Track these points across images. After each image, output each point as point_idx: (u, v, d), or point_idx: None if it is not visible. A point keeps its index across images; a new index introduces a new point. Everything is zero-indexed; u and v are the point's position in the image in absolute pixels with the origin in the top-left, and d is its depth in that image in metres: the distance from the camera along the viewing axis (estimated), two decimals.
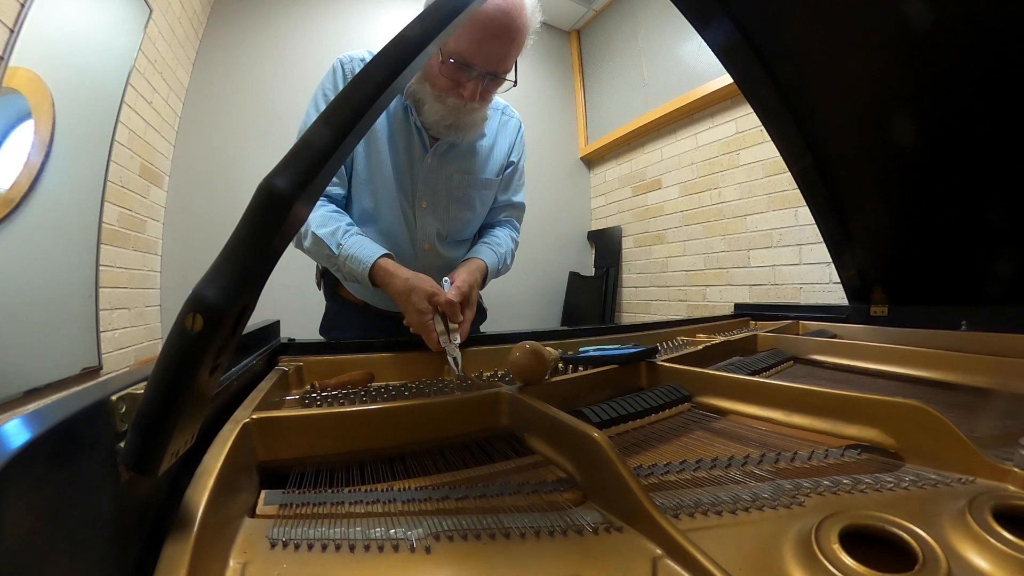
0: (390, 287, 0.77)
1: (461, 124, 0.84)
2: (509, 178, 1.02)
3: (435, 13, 0.30)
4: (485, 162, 0.96)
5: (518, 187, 1.05)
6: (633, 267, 3.15)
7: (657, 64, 2.90)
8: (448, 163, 0.91)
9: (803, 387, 0.50)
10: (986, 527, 0.28)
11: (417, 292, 0.72)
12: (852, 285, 1.06)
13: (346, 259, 0.80)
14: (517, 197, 1.05)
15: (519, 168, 1.04)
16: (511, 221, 1.06)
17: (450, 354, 0.70)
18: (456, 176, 0.92)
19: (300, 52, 2.61)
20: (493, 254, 0.93)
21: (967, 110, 0.71)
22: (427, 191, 0.91)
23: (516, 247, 1.04)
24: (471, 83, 0.77)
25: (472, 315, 0.76)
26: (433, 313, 0.72)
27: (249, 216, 0.24)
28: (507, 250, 0.98)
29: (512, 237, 1.03)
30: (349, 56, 0.87)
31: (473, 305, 0.77)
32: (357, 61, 0.86)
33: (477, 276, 0.82)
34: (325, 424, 0.42)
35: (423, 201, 0.91)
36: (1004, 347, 0.72)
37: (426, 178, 0.90)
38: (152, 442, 0.24)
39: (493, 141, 0.97)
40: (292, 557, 0.28)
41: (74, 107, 1.51)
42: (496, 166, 0.98)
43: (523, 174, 1.06)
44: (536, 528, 0.31)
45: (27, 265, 1.35)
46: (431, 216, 0.92)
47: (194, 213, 2.29)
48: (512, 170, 1.02)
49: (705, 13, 0.81)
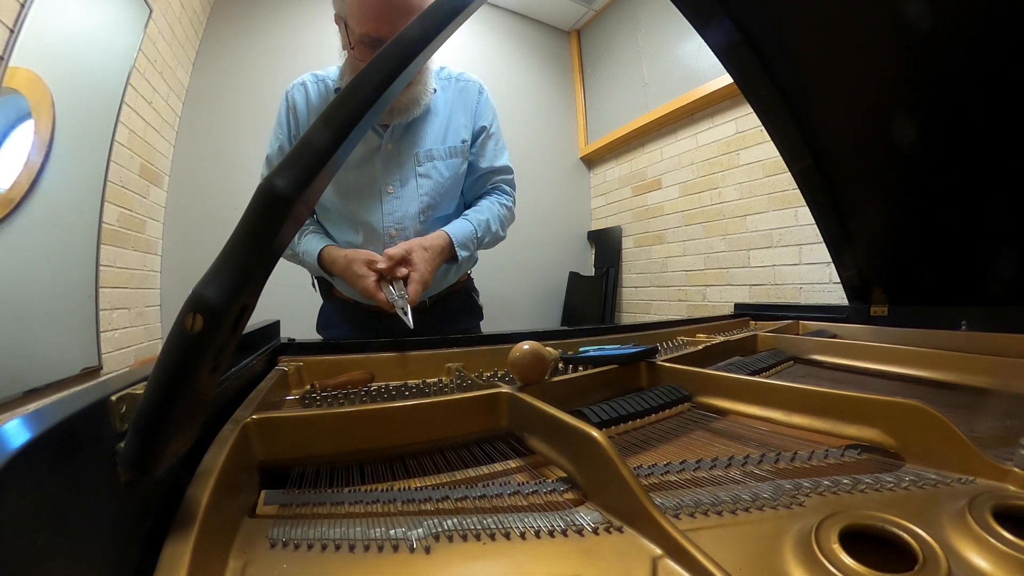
0: (336, 268, 0.84)
1: (398, 105, 0.86)
2: (484, 144, 1.01)
3: (435, 13, 0.30)
4: (445, 132, 0.96)
5: (497, 151, 1.03)
6: (633, 267, 3.15)
7: (657, 64, 2.90)
8: (406, 143, 0.92)
9: (803, 387, 0.50)
10: (986, 527, 0.28)
11: (356, 261, 0.78)
12: (852, 285, 1.06)
13: (303, 255, 0.89)
14: (499, 162, 1.03)
15: (492, 133, 1.02)
16: (498, 186, 1.04)
17: (398, 306, 0.74)
18: (418, 153, 0.93)
19: (300, 52, 2.61)
20: (466, 223, 0.92)
21: (967, 110, 0.71)
22: (391, 176, 0.92)
23: (508, 211, 1.03)
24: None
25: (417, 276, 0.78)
26: (375, 277, 0.77)
27: (249, 216, 0.24)
28: (490, 216, 0.97)
29: (500, 203, 1.02)
30: (292, 84, 0.94)
31: (417, 266, 0.79)
32: (298, 85, 0.93)
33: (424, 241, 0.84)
34: (325, 424, 0.42)
35: (389, 187, 0.92)
36: (1004, 347, 0.71)
37: (387, 164, 0.91)
38: (152, 442, 0.24)
39: (449, 109, 0.97)
40: (292, 557, 0.28)
41: (74, 107, 1.51)
42: (457, 132, 0.98)
43: (500, 138, 1.04)
44: (536, 528, 0.31)
45: (27, 265, 1.35)
46: (400, 199, 0.92)
47: (194, 213, 2.29)
48: (485, 136, 1.01)
49: (705, 13, 0.81)
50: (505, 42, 3.42)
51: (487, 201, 1.01)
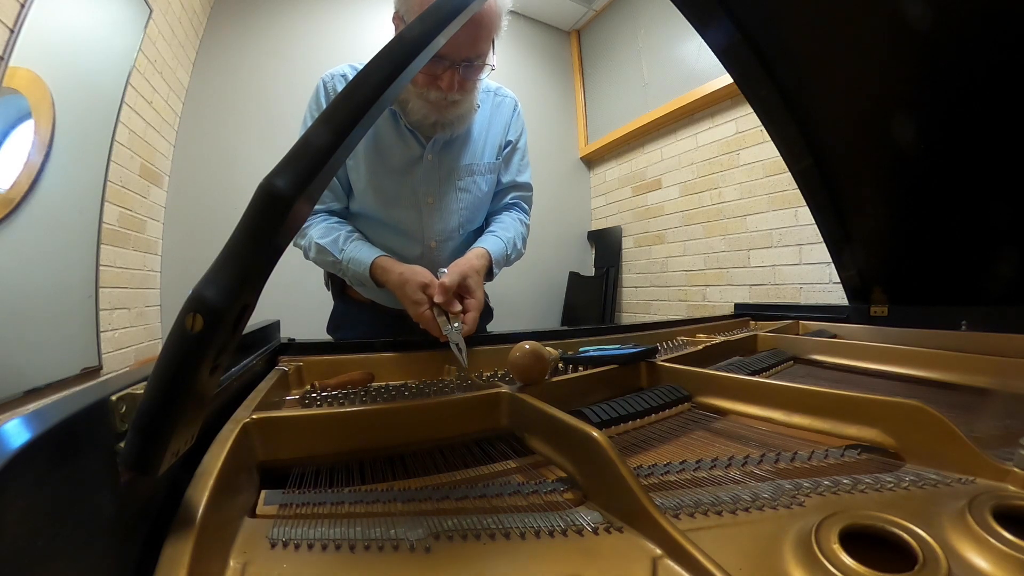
0: (388, 283, 0.80)
1: (445, 120, 0.85)
2: (509, 157, 1.01)
3: (435, 13, 0.30)
4: (483, 147, 0.96)
5: (521, 167, 1.03)
6: (633, 267, 3.15)
7: (657, 64, 2.90)
8: (448, 156, 0.92)
9: (803, 387, 0.50)
10: (986, 527, 0.28)
11: (410, 284, 0.74)
12: (852, 285, 1.05)
13: (348, 263, 0.83)
14: (521, 177, 1.03)
15: (519, 147, 1.02)
16: (518, 203, 1.04)
17: (452, 341, 0.69)
18: (458, 167, 0.93)
19: (300, 52, 2.62)
20: (498, 240, 0.92)
21: (967, 110, 0.71)
22: (431, 188, 0.91)
23: (527, 229, 1.02)
24: (447, 74, 0.77)
25: (476, 304, 0.74)
26: (428, 303, 0.72)
27: (249, 216, 0.24)
28: (515, 234, 0.96)
29: (521, 220, 1.01)
30: (331, 73, 0.90)
31: (475, 292, 0.75)
32: (339, 77, 0.89)
33: (475, 263, 0.81)
34: (325, 424, 0.42)
35: (429, 197, 0.91)
36: (1004, 347, 0.71)
37: (428, 175, 0.91)
38: (152, 442, 0.24)
39: (488, 124, 0.97)
40: (292, 557, 0.28)
41: (74, 107, 1.51)
42: (494, 148, 0.98)
43: (526, 154, 1.04)
44: (536, 528, 0.31)
45: (27, 265, 1.35)
46: (438, 211, 0.92)
47: (194, 213, 2.29)
48: (511, 149, 1.01)
49: (705, 13, 0.81)
50: (505, 42, 3.39)
51: (510, 218, 1.00)
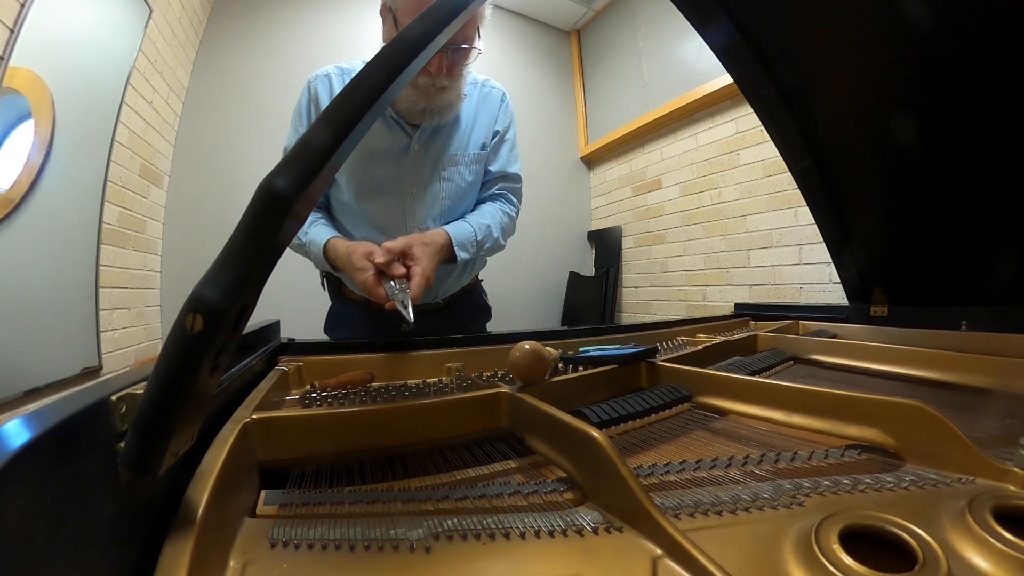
0: (338, 259, 0.82)
1: (433, 107, 0.85)
2: (497, 147, 1.01)
3: (435, 13, 0.30)
4: (469, 137, 0.97)
5: (511, 158, 1.03)
6: (633, 267, 3.15)
7: (657, 64, 2.90)
8: (434, 146, 0.92)
9: (803, 387, 0.50)
10: (986, 527, 0.28)
11: (356, 253, 0.77)
12: (852, 285, 1.05)
13: (309, 244, 0.87)
14: (510, 168, 1.03)
15: (507, 138, 1.02)
16: (504, 194, 1.03)
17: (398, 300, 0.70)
18: (443, 157, 0.93)
19: (300, 52, 2.62)
20: (465, 224, 0.91)
21: (967, 110, 0.71)
22: (417, 177, 0.92)
23: (510, 220, 1.02)
24: (435, 58, 0.77)
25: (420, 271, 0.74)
26: (373, 270, 0.74)
27: (249, 216, 0.24)
28: (492, 221, 0.95)
29: (504, 211, 1.00)
30: (316, 74, 0.92)
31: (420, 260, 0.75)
32: (322, 78, 0.91)
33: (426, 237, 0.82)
34: (325, 424, 0.42)
35: (414, 188, 0.92)
36: (1004, 347, 0.71)
37: (414, 164, 0.91)
38: (152, 442, 0.24)
39: (475, 115, 0.98)
40: (292, 557, 0.28)
41: (74, 107, 1.51)
42: (480, 138, 0.98)
43: (515, 146, 1.04)
44: (536, 528, 0.31)
45: (27, 265, 1.35)
46: (422, 201, 0.93)
47: (194, 213, 2.29)
48: (499, 140, 1.01)
49: (705, 13, 0.81)
50: (505, 42, 3.42)
51: (490, 207, 0.99)
